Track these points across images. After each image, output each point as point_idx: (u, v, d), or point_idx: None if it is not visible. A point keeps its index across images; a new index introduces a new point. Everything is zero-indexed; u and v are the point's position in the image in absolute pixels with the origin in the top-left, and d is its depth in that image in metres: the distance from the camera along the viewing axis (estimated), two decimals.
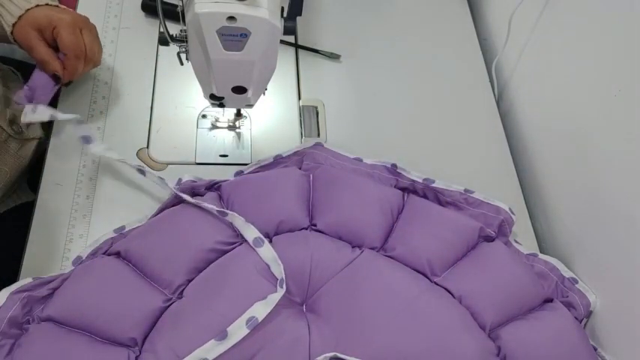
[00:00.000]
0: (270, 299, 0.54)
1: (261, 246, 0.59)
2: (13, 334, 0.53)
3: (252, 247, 0.59)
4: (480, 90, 0.83)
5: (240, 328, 0.52)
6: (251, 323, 0.52)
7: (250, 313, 0.53)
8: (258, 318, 0.53)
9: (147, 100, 0.74)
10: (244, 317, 0.53)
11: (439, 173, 0.69)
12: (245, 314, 0.53)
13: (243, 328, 0.52)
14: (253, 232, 0.59)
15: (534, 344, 0.58)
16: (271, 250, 0.58)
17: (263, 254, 0.58)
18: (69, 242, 0.62)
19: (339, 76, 0.82)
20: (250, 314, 0.53)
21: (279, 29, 0.53)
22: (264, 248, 0.58)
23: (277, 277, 0.57)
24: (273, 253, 0.58)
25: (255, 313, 0.53)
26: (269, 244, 0.59)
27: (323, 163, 0.70)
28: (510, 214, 0.67)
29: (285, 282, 0.58)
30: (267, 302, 0.54)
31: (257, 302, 0.54)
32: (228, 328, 0.52)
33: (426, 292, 0.59)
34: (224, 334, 0.52)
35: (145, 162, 0.69)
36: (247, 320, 0.52)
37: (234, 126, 0.73)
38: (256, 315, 0.53)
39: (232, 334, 0.52)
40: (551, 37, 0.74)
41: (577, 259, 0.67)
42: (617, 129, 0.60)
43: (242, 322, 0.52)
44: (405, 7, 0.90)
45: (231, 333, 0.52)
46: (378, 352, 0.55)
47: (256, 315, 0.53)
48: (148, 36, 0.79)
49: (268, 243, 0.59)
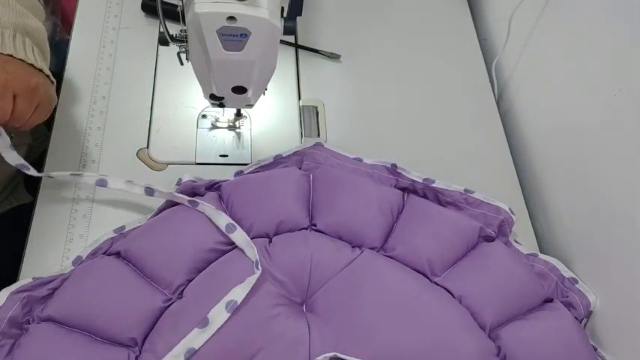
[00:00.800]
0: (248, 282, 0.55)
1: (233, 232, 0.59)
2: (13, 334, 0.53)
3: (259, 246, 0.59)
4: (480, 90, 0.83)
5: (220, 313, 0.53)
6: (230, 307, 0.53)
7: (229, 297, 0.54)
8: (237, 301, 0.54)
9: (147, 100, 0.74)
10: (224, 302, 0.54)
11: (439, 173, 0.69)
12: (224, 299, 0.54)
13: (223, 313, 0.53)
14: (225, 220, 0.60)
15: (534, 344, 0.58)
16: (244, 235, 0.59)
17: (236, 239, 0.59)
18: (69, 242, 0.62)
19: (339, 76, 0.82)
20: (229, 298, 0.54)
21: (279, 29, 0.53)
22: (236, 233, 0.59)
23: (252, 260, 0.57)
24: (245, 238, 0.59)
25: (234, 296, 0.54)
26: (241, 230, 0.59)
27: (323, 163, 0.70)
28: (510, 214, 0.67)
29: (286, 282, 0.58)
30: (245, 285, 0.55)
31: (235, 286, 0.55)
32: (208, 315, 0.53)
33: (426, 292, 0.59)
34: (205, 320, 0.53)
35: (145, 162, 0.69)
36: (227, 304, 0.53)
37: (234, 126, 0.73)
38: (235, 298, 0.54)
39: (213, 320, 0.53)
40: (551, 37, 0.74)
41: (577, 259, 0.67)
42: (618, 129, 0.60)
43: (222, 307, 0.53)
44: (405, 7, 0.90)
45: (212, 319, 0.53)
46: (378, 352, 0.55)
47: (235, 298, 0.54)
48: (148, 36, 0.79)
49: (240, 228, 0.59)
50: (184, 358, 0.51)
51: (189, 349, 0.51)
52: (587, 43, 0.66)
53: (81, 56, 0.76)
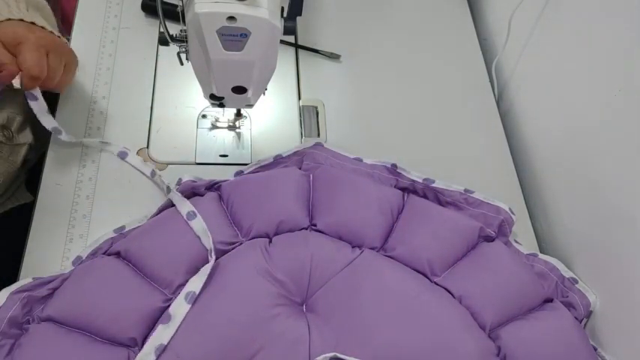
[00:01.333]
0: (203, 271, 0.56)
1: (193, 219, 0.60)
2: (13, 334, 0.53)
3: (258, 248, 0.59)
4: (480, 90, 0.83)
5: (180, 305, 0.54)
6: (190, 298, 0.54)
7: (187, 288, 0.55)
8: (195, 292, 0.54)
9: (147, 100, 0.74)
10: (182, 294, 0.54)
11: (439, 173, 0.69)
12: (183, 291, 0.55)
13: (183, 305, 0.54)
14: (187, 207, 0.61)
15: (534, 344, 0.58)
16: (202, 223, 0.59)
17: (194, 226, 0.60)
18: (69, 242, 0.62)
19: (339, 76, 0.82)
20: (188, 290, 0.54)
21: (279, 29, 0.53)
22: (195, 221, 0.60)
23: (207, 248, 0.58)
24: (203, 226, 0.59)
25: (191, 287, 0.55)
26: (200, 218, 0.60)
27: (323, 163, 0.70)
28: (510, 214, 0.67)
29: (286, 282, 0.58)
30: (200, 275, 0.55)
31: (192, 277, 0.55)
32: (169, 310, 0.54)
33: (426, 292, 0.59)
34: (168, 316, 0.53)
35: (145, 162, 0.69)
36: (186, 296, 0.54)
37: (234, 126, 0.73)
38: (193, 289, 0.55)
39: (176, 314, 0.53)
40: (551, 37, 0.74)
41: (577, 259, 0.67)
42: (618, 129, 0.60)
43: (182, 300, 0.54)
44: (405, 7, 0.90)
45: (174, 313, 0.53)
46: (378, 352, 0.55)
47: (193, 289, 0.55)
48: (148, 36, 0.79)
49: (200, 217, 0.60)
50: (155, 355, 0.51)
51: (157, 346, 0.52)
52: (587, 43, 0.66)
53: (81, 56, 0.75)
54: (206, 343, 0.53)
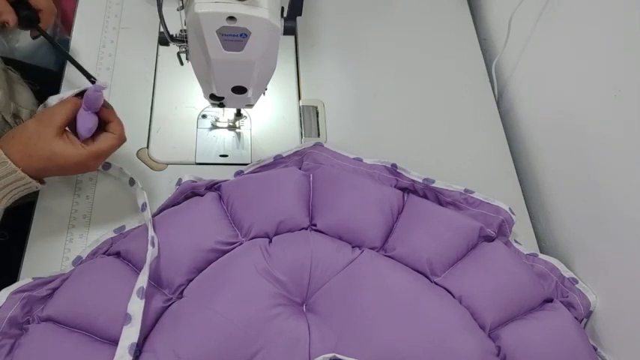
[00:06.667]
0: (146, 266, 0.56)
1: (144, 210, 0.61)
2: (13, 334, 0.53)
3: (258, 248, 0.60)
4: (480, 90, 0.83)
5: (135, 302, 0.54)
6: (141, 294, 0.54)
7: (137, 285, 0.55)
8: (143, 286, 0.54)
9: (147, 100, 0.74)
10: (134, 291, 0.54)
11: (439, 173, 0.69)
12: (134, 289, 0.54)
13: (137, 301, 0.54)
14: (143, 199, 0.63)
15: (534, 344, 0.57)
16: (149, 214, 0.61)
17: (144, 216, 0.61)
18: (69, 242, 0.62)
19: (339, 76, 0.82)
20: (137, 286, 0.54)
21: (279, 29, 0.53)
22: (145, 212, 0.61)
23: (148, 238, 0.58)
24: (149, 216, 0.61)
25: (141, 284, 0.55)
26: (149, 211, 0.61)
27: (323, 163, 0.70)
28: (510, 214, 0.67)
29: (286, 282, 0.58)
30: (144, 270, 0.55)
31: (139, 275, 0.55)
32: (128, 311, 0.53)
33: (426, 292, 0.59)
34: (128, 317, 0.53)
35: (145, 162, 0.69)
36: (137, 292, 0.54)
37: (234, 126, 0.73)
38: (142, 285, 0.55)
39: (134, 312, 0.53)
40: (551, 37, 0.74)
41: (577, 259, 0.67)
42: (617, 129, 0.60)
43: (135, 297, 0.54)
44: (405, 7, 0.90)
45: (132, 312, 0.53)
46: (378, 352, 0.55)
47: (142, 285, 0.55)
48: (148, 36, 0.79)
49: (149, 209, 0.61)
50: (130, 355, 0.51)
51: (129, 346, 0.51)
52: (587, 43, 0.66)
53: (81, 56, 0.76)
54: (206, 343, 0.53)
